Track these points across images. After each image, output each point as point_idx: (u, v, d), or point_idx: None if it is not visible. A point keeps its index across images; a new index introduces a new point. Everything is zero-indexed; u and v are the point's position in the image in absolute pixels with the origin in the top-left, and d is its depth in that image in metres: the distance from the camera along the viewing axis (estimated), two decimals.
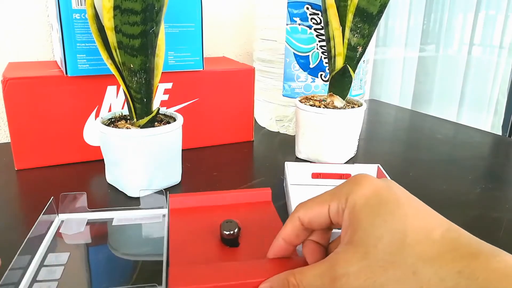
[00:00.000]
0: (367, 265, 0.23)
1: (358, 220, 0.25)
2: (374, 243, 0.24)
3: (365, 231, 0.24)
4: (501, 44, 1.37)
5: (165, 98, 0.58)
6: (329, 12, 0.51)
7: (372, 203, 0.25)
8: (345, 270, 0.24)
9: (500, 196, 0.49)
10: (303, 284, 0.26)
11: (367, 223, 0.24)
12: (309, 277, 0.26)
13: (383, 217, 0.24)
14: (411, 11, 1.23)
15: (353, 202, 0.26)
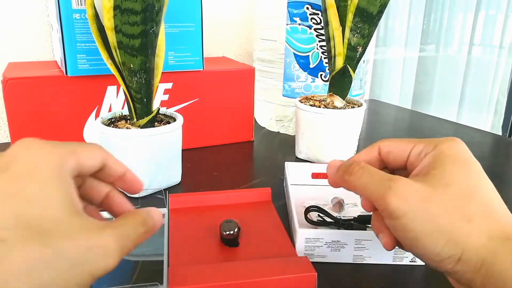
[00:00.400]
0: (430, 191, 0.24)
1: (441, 163, 0.25)
2: (447, 183, 0.24)
3: (443, 171, 0.25)
4: (501, 44, 1.37)
5: (165, 98, 0.58)
6: (329, 12, 0.51)
7: (459, 159, 0.26)
8: (408, 181, 0.24)
9: (501, 196, 0.49)
10: (365, 168, 0.27)
11: (448, 167, 0.25)
12: (371, 167, 0.27)
13: (465, 170, 0.25)
14: (411, 11, 1.23)
15: (440, 150, 0.26)
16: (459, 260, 0.23)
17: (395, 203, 0.24)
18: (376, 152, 0.30)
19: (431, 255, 0.23)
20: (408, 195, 0.24)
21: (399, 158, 0.29)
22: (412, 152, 0.28)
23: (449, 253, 0.23)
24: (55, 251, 0.19)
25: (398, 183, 0.24)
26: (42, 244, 0.19)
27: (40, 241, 0.19)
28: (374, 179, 0.26)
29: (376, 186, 0.25)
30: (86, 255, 0.20)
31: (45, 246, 0.19)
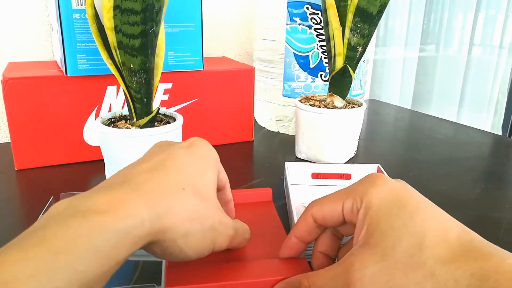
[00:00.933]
0: (385, 267, 0.23)
1: (375, 222, 0.25)
2: (392, 245, 0.23)
3: (383, 233, 0.24)
4: (501, 44, 1.37)
5: (165, 98, 0.58)
6: (329, 12, 0.51)
7: (389, 205, 0.25)
8: (361, 273, 0.24)
9: (500, 196, 0.49)
10: (316, 287, 0.25)
11: (386, 225, 0.24)
12: (322, 280, 0.26)
13: (402, 220, 0.24)
14: (411, 11, 1.23)
15: (368, 202, 0.26)
16: None
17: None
18: (311, 221, 0.29)
19: None
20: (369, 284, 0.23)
21: (336, 219, 0.28)
22: (344, 211, 0.27)
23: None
24: (206, 207, 0.26)
25: (356, 284, 0.23)
26: (202, 200, 0.27)
27: (201, 198, 0.27)
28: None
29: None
30: (218, 225, 0.27)
31: (202, 201, 0.26)
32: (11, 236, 0.20)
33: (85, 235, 0.20)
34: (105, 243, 0.20)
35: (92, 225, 0.20)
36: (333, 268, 0.26)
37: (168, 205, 0.24)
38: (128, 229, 0.21)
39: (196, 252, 0.26)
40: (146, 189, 0.24)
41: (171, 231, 0.24)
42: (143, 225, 0.22)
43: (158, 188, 0.24)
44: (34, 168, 0.53)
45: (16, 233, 0.20)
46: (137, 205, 0.22)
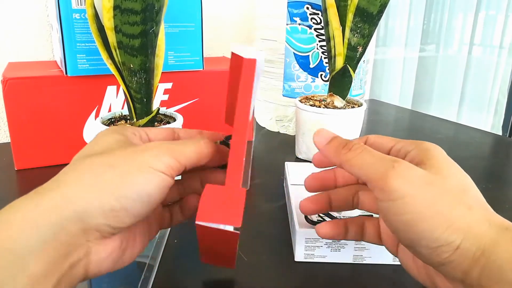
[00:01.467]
0: (431, 178, 0.23)
1: (431, 157, 0.25)
2: (445, 175, 0.24)
3: (439, 163, 0.25)
4: (501, 44, 1.37)
5: (165, 98, 0.58)
6: (329, 12, 0.51)
7: (445, 155, 0.26)
8: (408, 167, 0.24)
9: (501, 196, 0.49)
10: (365, 146, 0.26)
11: (442, 161, 0.25)
12: (369, 151, 0.26)
13: (455, 167, 0.25)
14: (411, 11, 1.23)
15: (425, 147, 0.26)
16: (458, 248, 0.22)
17: (397, 184, 0.23)
18: (363, 140, 0.30)
19: (428, 241, 0.22)
20: (411, 177, 0.23)
21: (380, 150, 0.28)
22: (394, 148, 0.28)
23: (448, 239, 0.22)
24: (110, 156, 0.23)
25: (402, 164, 0.24)
26: (101, 155, 0.24)
27: (100, 154, 0.24)
28: (375, 158, 0.25)
29: (377, 165, 0.24)
30: (136, 155, 0.24)
31: (103, 156, 0.24)
32: None
33: None
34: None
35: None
36: (386, 155, 0.26)
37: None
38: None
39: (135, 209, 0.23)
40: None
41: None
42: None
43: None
44: (34, 168, 0.53)
45: None
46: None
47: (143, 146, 0.24)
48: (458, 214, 0.22)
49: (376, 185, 0.24)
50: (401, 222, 0.23)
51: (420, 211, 0.22)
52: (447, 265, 0.22)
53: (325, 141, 0.28)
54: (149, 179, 0.23)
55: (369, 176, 0.24)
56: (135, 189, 0.22)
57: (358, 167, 0.25)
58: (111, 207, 0.22)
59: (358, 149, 0.26)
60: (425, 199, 0.22)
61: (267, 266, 0.35)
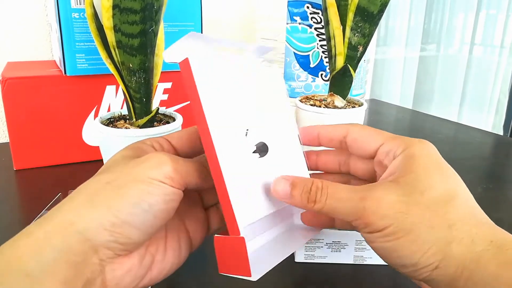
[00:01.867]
0: (406, 201, 0.23)
1: (413, 167, 0.24)
2: (422, 189, 0.23)
3: (417, 177, 0.24)
4: (502, 44, 1.36)
5: (165, 97, 0.58)
6: (329, 11, 0.51)
7: (431, 160, 0.25)
8: (381, 195, 0.23)
9: (501, 196, 0.49)
10: (329, 189, 0.24)
11: (422, 171, 0.24)
12: (336, 186, 0.24)
13: (440, 176, 0.24)
14: (412, 10, 1.23)
15: (412, 153, 0.25)
16: (436, 268, 0.22)
17: (372, 221, 0.23)
18: (341, 134, 0.29)
19: (408, 265, 0.22)
20: (385, 209, 0.22)
21: (364, 149, 0.28)
22: (380, 149, 0.27)
23: (426, 262, 0.22)
24: (108, 173, 0.23)
25: (372, 200, 0.23)
26: (100, 173, 0.25)
27: (99, 173, 0.25)
28: (344, 204, 0.24)
29: (348, 210, 0.23)
30: (133, 169, 0.23)
31: (102, 173, 0.24)
32: (9, 236, 0.20)
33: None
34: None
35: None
36: (351, 187, 0.25)
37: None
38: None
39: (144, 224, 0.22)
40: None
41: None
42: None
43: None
44: (33, 168, 0.53)
45: (14, 233, 0.20)
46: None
47: (144, 157, 0.24)
48: (436, 236, 0.22)
49: (356, 225, 0.24)
50: (382, 248, 0.23)
51: (399, 238, 0.22)
52: (428, 282, 0.23)
53: (286, 194, 0.25)
54: (147, 190, 0.22)
55: (345, 219, 0.24)
56: (130, 201, 0.22)
57: (332, 213, 0.24)
58: (111, 223, 0.21)
59: (322, 198, 0.24)
60: (403, 227, 0.22)
61: None
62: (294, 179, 0.25)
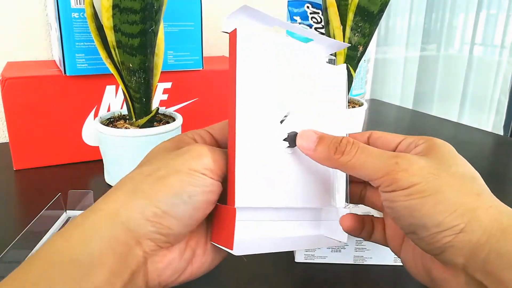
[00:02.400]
0: (436, 167, 0.23)
1: (438, 150, 0.24)
2: (449, 164, 0.23)
3: (443, 156, 0.24)
4: (502, 44, 1.36)
5: (164, 97, 0.58)
6: (329, 11, 0.51)
7: (452, 150, 0.25)
8: (412, 158, 0.23)
9: (502, 196, 0.49)
10: (360, 144, 0.24)
11: (446, 154, 0.24)
12: (366, 145, 0.24)
13: (462, 160, 0.24)
14: (412, 10, 1.23)
15: (434, 142, 0.25)
16: (461, 231, 0.21)
17: (402, 177, 0.22)
18: (366, 136, 0.29)
19: (430, 226, 0.22)
20: (416, 169, 0.22)
21: (386, 145, 0.28)
22: (402, 143, 0.27)
23: (451, 223, 0.21)
24: (149, 166, 0.23)
25: (404, 159, 0.23)
26: (141, 165, 0.24)
27: (140, 166, 0.25)
28: (374, 158, 0.23)
29: (378, 164, 0.23)
30: (173, 161, 0.23)
31: (143, 166, 0.24)
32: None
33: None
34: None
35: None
36: (382, 150, 0.24)
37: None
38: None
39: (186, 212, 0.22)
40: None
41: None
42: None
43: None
44: (32, 168, 0.53)
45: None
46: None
47: (184, 149, 0.24)
48: (465, 200, 0.22)
49: (381, 182, 0.23)
50: (404, 207, 0.22)
51: (425, 196, 0.22)
52: (448, 250, 0.22)
53: (312, 144, 0.25)
54: (187, 180, 0.22)
55: (371, 176, 0.24)
56: (170, 191, 0.22)
57: (358, 169, 0.24)
58: (153, 213, 0.22)
59: (352, 150, 0.24)
60: (431, 186, 0.22)
61: (267, 267, 0.35)
62: (323, 133, 0.25)
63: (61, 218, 0.40)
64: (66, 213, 0.40)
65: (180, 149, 0.24)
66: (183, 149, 0.24)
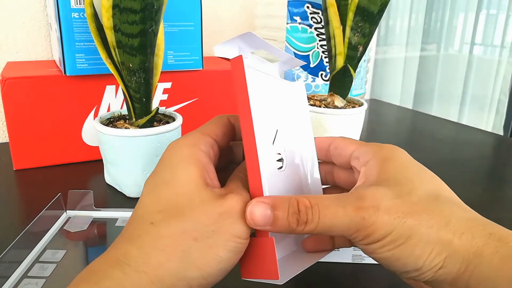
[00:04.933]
0: (400, 203, 0.22)
1: (388, 170, 0.24)
2: (411, 187, 0.23)
3: (398, 179, 0.23)
4: (502, 44, 1.36)
5: (164, 97, 0.58)
6: (329, 11, 0.51)
7: (404, 161, 0.25)
8: (375, 202, 0.22)
9: (502, 197, 0.49)
10: (319, 206, 0.22)
11: (400, 174, 0.24)
12: (323, 200, 0.22)
13: (418, 174, 0.24)
14: (412, 10, 1.23)
15: (382, 156, 0.25)
16: (441, 267, 0.21)
17: (374, 232, 0.22)
18: (327, 144, 0.29)
19: (412, 271, 0.22)
20: (383, 219, 0.22)
21: (342, 156, 0.28)
22: (353, 155, 0.27)
23: (431, 264, 0.21)
24: (193, 223, 0.22)
25: (368, 209, 0.22)
26: (181, 218, 0.22)
27: (179, 216, 0.22)
28: (339, 218, 0.22)
29: (345, 223, 0.22)
30: (219, 222, 0.22)
31: (183, 220, 0.22)
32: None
33: None
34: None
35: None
36: (341, 195, 0.23)
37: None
38: None
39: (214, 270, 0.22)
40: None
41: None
42: None
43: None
44: (32, 168, 0.53)
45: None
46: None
47: (227, 208, 0.22)
48: (437, 235, 0.21)
49: (354, 237, 0.23)
50: (383, 259, 0.22)
51: (400, 244, 0.22)
52: (433, 282, 0.22)
53: (268, 221, 0.23)
54: (234, 250, 0.22)
55: (343, 234, 0.23)
56: (220, 266, 0.22)
57: (327, 232, 0.23)
58: (199, 284, 0.22)
59: (314, 217, 0.22)
60: (402, 232, 0.21)
61: None
62: (274, 200, 0.23)
63: (61, 218, 0.40)
64: (66, 213, 0.40)
65: (221, 206, 0.22)
66: (225, 207, 0.22)
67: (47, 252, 0.34)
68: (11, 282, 0.30)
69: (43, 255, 0.34)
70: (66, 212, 0.41)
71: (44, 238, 0.36)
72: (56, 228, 0.38)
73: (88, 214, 0.41)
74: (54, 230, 0.37)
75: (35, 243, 0.35)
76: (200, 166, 0.24)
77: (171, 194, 0.23)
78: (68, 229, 0.38)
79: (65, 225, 0.39)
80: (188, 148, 0.25)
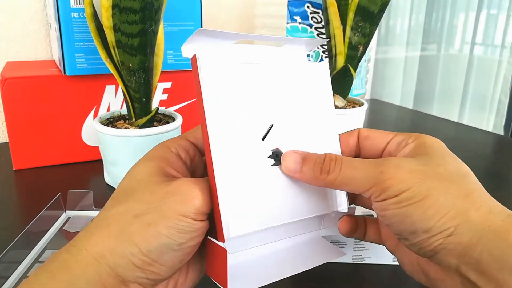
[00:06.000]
0: (423, 170, 0.23)
1: (426, 149, 0.24)
2: (438, 163, 0.23)
3: (432, 155, 0.24)
4: (503, 43, 1.36)
5: (164, 97, 0.58)
6: (329, 11, 0.51)
7: (442, 147, 0.25)
8: (398, 162, 0.23)
9: (502, 197, 0.49)
10: (343, 160, 0.24)
11: (436, 152, 0.24)
12: (349, 157, 0.24)
13: (451, 157, 0.24)
14: (412, 10, 1.22)
15: (423, 140, 0.26)
16: (451, 234, 0.21)
17: (391, 186, 0.22)
18: (355, 138, 0.28)
19: (420, 232, 0.22)
20: (402, 175, 0.22)
21: (376, 145, 0.28)
22: (391, 142, 0.27)
23: (441, 227, 0.21)
24: (137, 202, 0.22)
25: (389, 166, 0.23)
26: (127, 200, 0.23)
27: (126, 198, 0.23)
28: (359, 171, 0.23)
29: (364, 177, 0.23)
30: (163, 200, 0.22)
31: (129, 201, 0.22)
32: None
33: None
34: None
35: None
36: (365, 159, 0.24)
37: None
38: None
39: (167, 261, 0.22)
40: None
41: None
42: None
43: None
44: (32, 168, 0.53)
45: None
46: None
47: (174, 188, 0.22)
48: (454, 202, 0.21)
49: (370, 193, 0.23)
50: (394, 215, 0.22)
51: (414, 202, 0.22)
52: (440, 252, 0.22)
53: (297, 167, 0.25)
54: (176, 228, 0.21)
55: (360, 189, 0.23)
56: (161, 241, 0.21)
57: (346, 185, 0.24)
58: (142, 261, 0.21)
59: (336, 167, 0.24)
60: (419, 191, 0.22)
61: None
62: (306, 153, 0.25)
63: (60, 218, 0.39)
64: (66, 213, 0.40)
65: (168, 186, 0.22)
66: (171, 186, 0.22)
67: (47, 252, 0.34)
68: (11, 282, 0.30)
69: (42, 255, 0.34)
70: (66, 212, 0.40)
71: (43, 238, 0.36)
72: (55, 228, 0.38)
73: (88, 214, 0.40)
74: (53, 230, 0.37)
75: (35, 243, 0.34)
76: (161, 160, 0.25)
77: (126, 183, 0.24)
78: (68, 229, 0.38)
79: (65, 225, 0.39)
80: (158, 148, 0.26)
